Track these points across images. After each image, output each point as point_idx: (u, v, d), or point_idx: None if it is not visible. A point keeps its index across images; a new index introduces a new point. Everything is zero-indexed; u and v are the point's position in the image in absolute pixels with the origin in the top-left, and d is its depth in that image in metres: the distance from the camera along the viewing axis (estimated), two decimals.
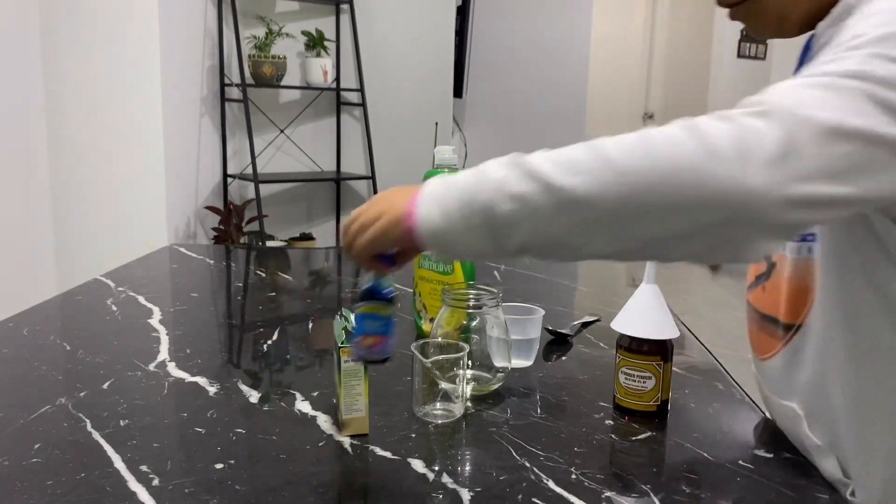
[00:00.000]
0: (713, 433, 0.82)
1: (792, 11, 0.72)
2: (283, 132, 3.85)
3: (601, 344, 1.12)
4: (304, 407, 0.86)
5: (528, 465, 0.74)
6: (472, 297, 0.92)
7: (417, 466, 0.73)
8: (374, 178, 3.88)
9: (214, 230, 3.40)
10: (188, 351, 1.04)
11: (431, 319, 1.06)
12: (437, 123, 4.00)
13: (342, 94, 3.96)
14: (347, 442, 0.77)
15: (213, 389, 0.91)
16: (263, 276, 1.55)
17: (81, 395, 0.88)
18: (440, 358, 0.83)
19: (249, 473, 0.70)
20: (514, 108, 4.80)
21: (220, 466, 0.71)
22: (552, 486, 0.69)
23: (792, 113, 0.55)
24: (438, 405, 0.84)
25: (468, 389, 0.89)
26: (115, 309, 1.22)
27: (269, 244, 3.46)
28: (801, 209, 0.55)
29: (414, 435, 0.80)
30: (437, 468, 0.73)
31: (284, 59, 3.56)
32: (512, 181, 0.61)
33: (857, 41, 0.58)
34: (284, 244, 3.74)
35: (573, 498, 0.67)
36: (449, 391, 0.83)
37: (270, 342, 1.09)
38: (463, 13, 4.22)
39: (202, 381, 0.93)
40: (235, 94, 3.62)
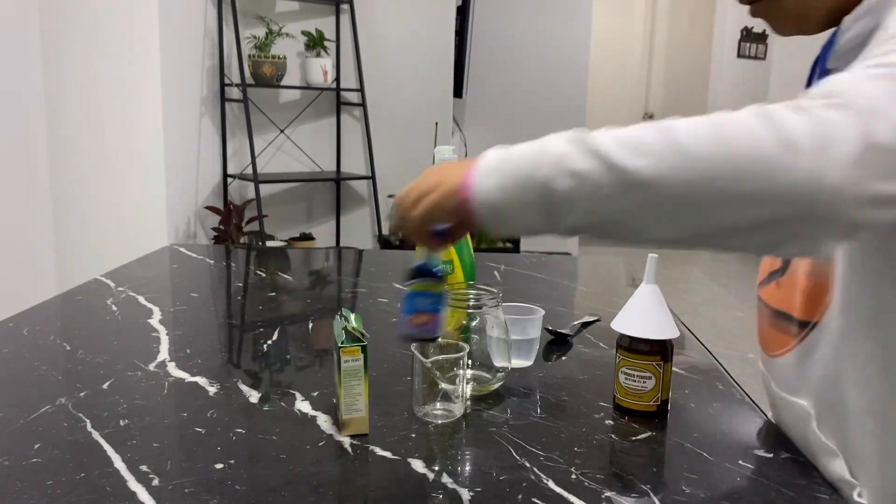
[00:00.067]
0: (713, 433, 0.82)
1: (814, 7, 0.71)
2: (283, 132, 3.85)
3: (601, 344, 1.12)
4: (304, 407, 0.86)
5: (528, 465, 0.73)
6: (472, 297, 0.92)
7: (417, 466, 0.73)
8: (374, 178, 3.88)
9: (214, 230, 3.40)
10: (188, 351, 1.04)
11: None
12: (437, 123, 4.00)
13: (342, 94, 3.96)
14: (347, 442, 0.77)
15: (213, 389, 0.91)
16: (263, 276, 1.55)
17: (81, 395, 0.88)
18: (440, 358, 0.83)
19: (249, 473, 0.70)
20: (514, 108, 4.80)
21: (220, 466, 0.71)
22: (552, 486, 0.69)
23: (870, 108, 0.53)
24: (438, 405, 0.84)
25: (468, 389, 0.89)
26: (115, 309, 1.22)
27: (269, 244, 3.46)
28: (876, 207, 0.53)
29: (414, 435, 0.80)
30: (437, 468, 0.73)
31: (284, 59, 3.56)
32: (573, 157, 0.59)
33: None
34: (284, 244, 3.74)
35: (573, 498, 0.67)
36: (449, 391, 0.83)
37: (270, 342, 1.09)
38: (463, 13, 4.22)
39: (202, 381, 0.93)
40: (235, 94, 3.62)
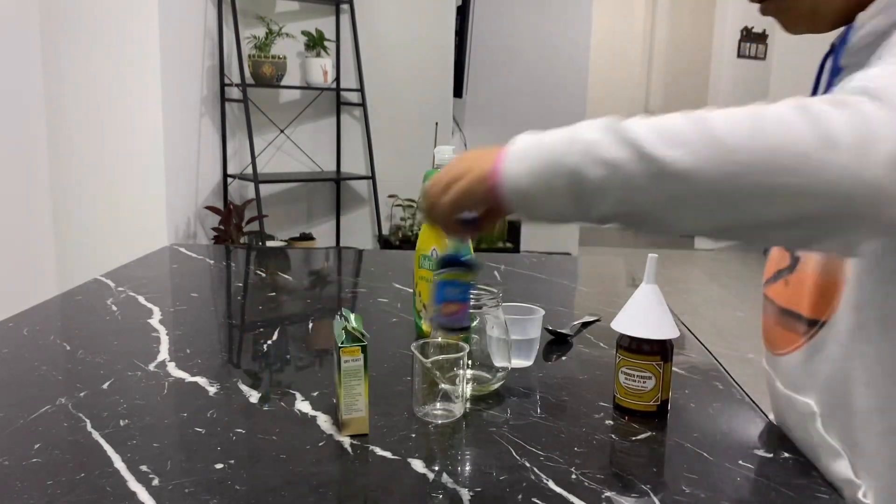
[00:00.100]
0: (713, 433, 0.82)
1: (825, 5, 0.70)
2: (283, 132, 3.85)
3: (601, 344, 1.12)
4: (304, 407, 0.86)
5: (528, 465, 0.73)
6: (472, 297, 0.91)
7: (417, 466, 0.73)
8: (374, 178, 3.88)
9: (214, 230, 3.40)
10: (188, 351, 1.04)
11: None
12: (437, 123, 4.00)
13: (342, 94, 3.96)
14: (347, 442, 0.77)
15: (213, 389, 0.91)
16: (263, 276, 1.55)
17: (81, 395, 0.88)
18: (440, 358, 0.83)
19: (249, 473, 0.70)
20: (514, 108, 4.80)
21: (220, 466, 0.71)
22: (552, 486, 0.69)
23: None
24: (438, 405, 0.84)
25: (468, 389, 0.89)
26: (115, 309, 1.22)
27: (269, 244, 3.46)
28: None
29: (414, 435, 0.80)
30: (437, 468, 0.73)
31: (284, 59, 3.56)
32: (604, 145, 0.58)
33: None
34: (284, 244, 3.74)
35: (573, 498, 0.67)
36: (449, 391, 0.83)
37: (270, 342, 1.09)
38: (463, 13, 4.22)
39: (202, 381, 0.93)
40: (235, 94, 3.62)
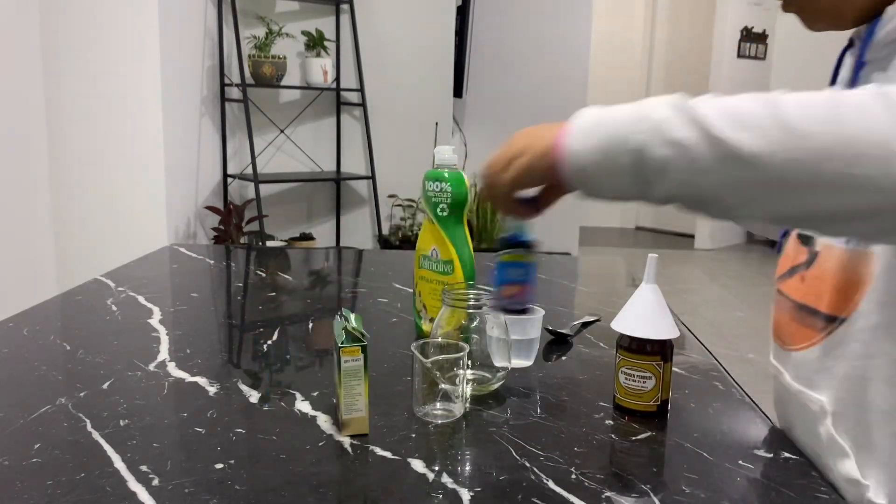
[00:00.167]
0: (713, 433, 0.82)
1: (848, 1, 0.69)
2: (283, 132, 3.85)
3: (601, 344, 1.12)
4: (304, 407, 0.86)
5: (528, 465, 0.73)
6: (472, 297, 0.92)
7: (417, 466, 0.73)
8: (374, 178, 3.88)
9: (214, 230, 3.41)
10: (188, 351, 1.04)
11: (431, 319, 1.06)
12: (437, 123, 4.00)
13: (342, 94, 3.96)
14: (347, 442, 0.77)
15: (213, 389, 0.91)
16: (263, 276, 1.55)
17: (81, 395, 0.88)
18: (440, 358, 0.83)
19: (249, 473, 0.70)
20: (514, 108, 4.80)
21: (220, 466, 0.71)
22: (552, 486, 0.69)
23: None
24: (438, 405, 0.84)
25: (468, 389, 0.89)
26: (115, 309, 1.22)
27: (269, 244, 3.46)
28: None
29: (414, 435, 0.80)
30: (437, 468, 0.72)
31: (284, 59, 3.56)
32: (673, 125, 0.56)
33: None
34: (284, 244, 3.74)
35: (573, 498, 0.67)
36: (449, 391, 0.83)
37: (270, 342, 1.09)
38: (463, 13, 4.22)
39: (202, 381, 0.93)
40: (235, 94, 3.62)
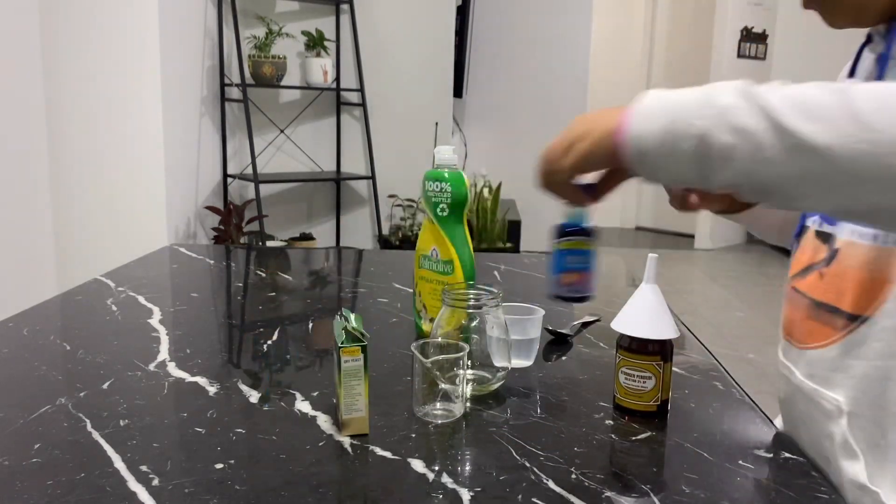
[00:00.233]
0: (713, 433, 0.82)
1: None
2: (283, 132, 3.85)
3: (601, 344, 1.12)
4: (304, 407, 0.86)
5: (528, 465, 0.73)
6: (472, 297, 0.92)
7: (417, 466, 0.73)
8: (374, 178, 3.88)
9: (214, 230, 3.41)
10: (188, 351, 1.04)
11: (431, 319, 1.06)
12: (437, 123, 4.00)
13: (342, 94, 3.96)
14: (347, 442, 0.77)
15: (213, 389, 0.91)
16: (263, 276, 1.55)
17: (81, 395, 0.88)
18: (440, 358, 0.83)
19: (249, 473, 0.70)
20: (514, 108, 4.80)
21: (220, 466, 0.71)
22: (552, 486, 0.69)
23: None
24: (438, 405, 0.84)
25: (468, 389, 0.89)
26: (115, 309, 1.22)
27: (269, 244, 3.46)
28: None
29: (414, 435, 0.80)
30: (437, 468, 0.72)
31: (284, 59, 3.56)
32: (739, 112, 0.55)
33: None
34: (284, 244, 3.74)
35: (573, 498, 0.67)
36: (449, 391, 0.83)
37: (270, 342, 1.09)
38: (463, 13, 4.22)
39: (202, 381, 0.93)
40: (235, 94, 3.62)
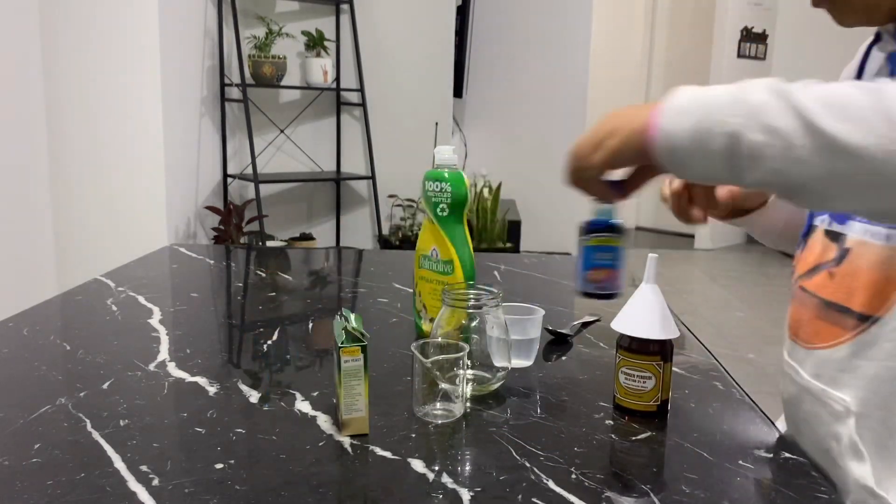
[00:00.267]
0: (713, 433, 0.82)
1: None
2: (283, 132, 3.85)
3: (601, 344, 1.12)
4: (304, 407, 0.86)
5: (528, 465, 0.73)
6: (472, 297, 0.92)
7: (417, 466, 0.73)
8: (374, 178, 3.88)
9: (214, 230, 3.41)
10: (188, 351, 1.04)
11: (431, 319, 1.06)
12: (437, 123, 4.00)
13: (342, 94, 3.96)
14: (347, 442, 0.77)
15: (213, 389, 0.91)
16: (263, 276, 1.55)
17: (81, 395, 0.88)
18: (440, 358, 0.83)
19: (249, 473, 0.70)
20: (514, 108, 4.80)
21: (220, 466, 0.71)
22: (552, 486, 0.69)
23: None
24: (438, 405, 0.84)
25: (468, 389, 0.89)
26: (115, 309, 1.22)
27: (269, 244, 3.46)
28: None
29: (414, 435, 0.80)
30: (437, 468, 0.73)
31: (284, 59, 3.56)
32: (771, 111, 0.54)
33: None
34: (284, 244, 3.74)
35: (573, 498, 0.67)
36: (449, 391, 0.83)
37: (270, 342, 1.09)
38: (463, 13, 4.22)
39: (202, 381, 0.93)
40: (235, 94, 3.62)
